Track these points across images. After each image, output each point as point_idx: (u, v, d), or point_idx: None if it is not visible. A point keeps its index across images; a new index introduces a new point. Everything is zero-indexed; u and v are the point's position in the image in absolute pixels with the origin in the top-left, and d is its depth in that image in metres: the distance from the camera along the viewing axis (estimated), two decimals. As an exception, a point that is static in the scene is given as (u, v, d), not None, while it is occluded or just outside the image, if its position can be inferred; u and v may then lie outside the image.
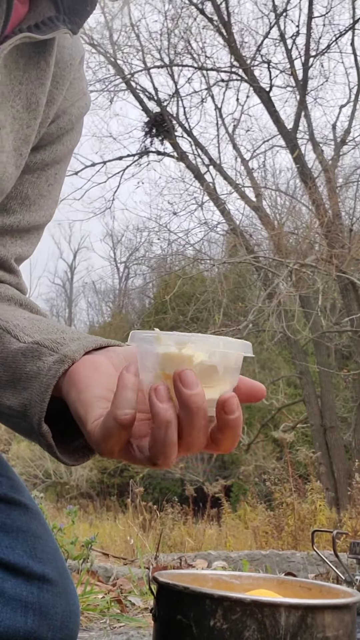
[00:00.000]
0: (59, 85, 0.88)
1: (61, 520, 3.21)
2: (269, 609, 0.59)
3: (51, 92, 0.87)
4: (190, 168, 12.49)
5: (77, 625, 0.89)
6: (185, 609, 0.62)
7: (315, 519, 5.13)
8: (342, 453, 10.69)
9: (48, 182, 0.92)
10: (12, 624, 0.81)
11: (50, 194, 0.93)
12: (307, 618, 0.60)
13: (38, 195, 0.90)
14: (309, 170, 11.31)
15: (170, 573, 0.73)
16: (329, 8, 11.35)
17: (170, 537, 5.20)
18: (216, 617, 0.60)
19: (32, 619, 0.82)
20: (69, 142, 0.93)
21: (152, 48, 12.41)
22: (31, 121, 0.83)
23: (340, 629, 0.62)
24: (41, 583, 0.84)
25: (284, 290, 9.90)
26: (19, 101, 0.81)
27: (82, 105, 0.94)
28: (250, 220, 12.48)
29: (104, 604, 1.88)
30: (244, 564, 2.92)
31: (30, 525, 0.87)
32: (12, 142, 0.82)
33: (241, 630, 0.59)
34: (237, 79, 12.06)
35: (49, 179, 0.92)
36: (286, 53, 11.66)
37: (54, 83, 0.87)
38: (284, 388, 11.96)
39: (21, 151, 0.84)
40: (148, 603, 2.03)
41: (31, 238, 0.92)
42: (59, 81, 0.88)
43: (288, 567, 3.59)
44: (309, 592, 0.75)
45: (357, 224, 11.42)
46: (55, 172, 0.93)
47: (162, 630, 0.66)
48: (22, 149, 0.84)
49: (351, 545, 1.10)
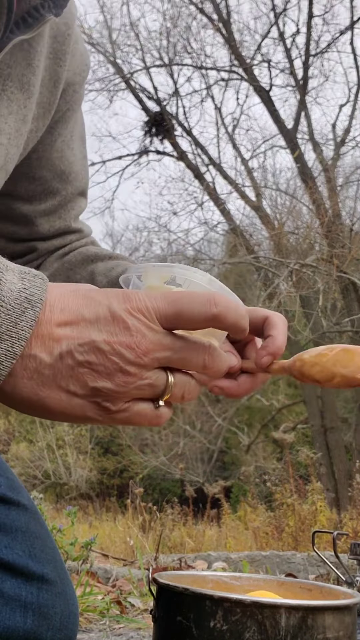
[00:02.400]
0: (61, 62, 0.88)
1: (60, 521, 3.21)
2: (269, 610, 0.59)
3: (55, 71, 0.88)
4: (190, 168, 12.50)
5: (76, 626, 0.89)
6: (185, 610, 0.62)
7: (315, 520, 5.13)
8: (342, 454, 10.70)
9: (70, 147, 0.99)
10: (11, 624, 0.81)
11: (76, 156, 1.01)
12: (307, 619, 0.60)
13: (69, 164, 1.00)
14: (309, 170, 11.31)
15: (170, 574, 0.73)
16: (328, 7, 11.37)
17: (170, 538, 5.19)
18: (216, 618, 0.60)
19: (32, 619, 0.82)
20: (76, 104, 0.98)
21: (152, 47, 12.43)
22: (26, 101, 0.84)
23: (340, 630, 0.62)
24: (40, 583, 0.84)
25: (284, 290, 9.91)
26: (11, 83, 0.82)
27: (83, 69, 0.97)
28: (251, 220, 12.49)
29: (104, 605, 1.88)
30: (244, 565, 2.92)
31: (29, 526, 0.87)
32: (13, 124, 0.83)
33: (241, 632, 0.59)
34: (237, 78, 12.07)
35: (70, 144, 0.99)
36: (286, 52, 11.68)
37: (57, 60, 0.88)
38: (284, 388, 11.96)
39: (21, 131, 0.86)
40: (148, 604, 2.03)
41: (81, 199, 1.05)
42: (61, 57, 0.88)
43: (288, 568, 3.59)
44: (309, 593, 0.75)
45: (357, 224, 11.42)
46: (72, 134, 0.99)
47: (162, 632, 0.66)
48: (22, 129, 0.86)
49: (352, 546, 1.10)
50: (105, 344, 0.53)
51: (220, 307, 0.55)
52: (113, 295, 0.55)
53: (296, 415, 11.92)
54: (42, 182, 0.98)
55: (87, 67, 0.98)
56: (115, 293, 0.55)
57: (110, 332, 0.53)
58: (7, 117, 0.82)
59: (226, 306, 0.56)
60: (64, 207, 1.02)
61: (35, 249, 1.05)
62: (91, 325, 0.53)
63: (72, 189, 1.01)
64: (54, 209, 1.01)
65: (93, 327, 0.53)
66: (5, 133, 0.82)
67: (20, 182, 0.98)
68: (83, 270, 1.01)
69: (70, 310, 0.54)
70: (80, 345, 0.53)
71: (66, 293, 0.55)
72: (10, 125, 0.83)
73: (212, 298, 0.55)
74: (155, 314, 0.54)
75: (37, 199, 0.99)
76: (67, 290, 0.55)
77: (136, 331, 0.53)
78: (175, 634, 0.63)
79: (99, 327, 0.53)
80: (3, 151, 0.83)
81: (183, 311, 0.55)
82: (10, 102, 0.82)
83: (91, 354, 0.52)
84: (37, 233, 1.03)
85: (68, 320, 0.53)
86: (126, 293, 0.55)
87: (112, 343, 0.53)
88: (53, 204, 1.00)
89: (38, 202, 0.99)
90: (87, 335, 0.53)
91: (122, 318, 0.53)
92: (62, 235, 1.05)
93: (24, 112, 0.85)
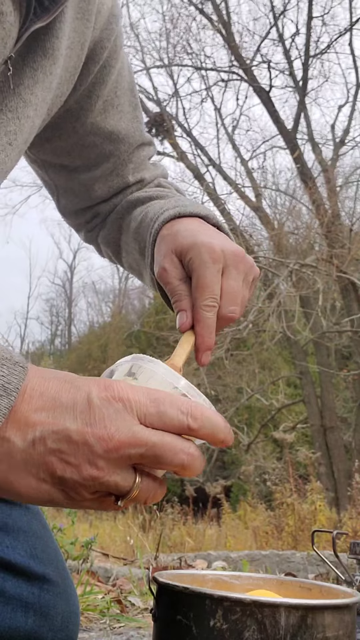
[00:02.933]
0: (88, 23, 0.84)
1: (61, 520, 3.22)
2: (269, 609, 0.60)
3: (81, 32, 0.83)
4: (189, 168, 12.50)
5: (77, 626, 0.89)
6: (185, 609, 0.62)
7: (315, 519, 5.13)
8: (342, 453, 10.70)
9: (114, 105, 0.96)
10: (13, 624, 0.81)
11: (123, 112, 0.97)
12: (307, 618, 0.60)
13: (117, 122, 0.96)
14: (309, 170, 11.31)
15: (170, 573, 0.73)
16: (327, 9, 11.37)
17: (170, 538, 5.20)
18: (216, 617, 0.60)
19: (33, 619, 0.83)
20: (115, 61, 0.93)
21: (152, 48, 12.44)
22: (51, 67, 0.79)
23: (340, 629, 0.63)
24: (42, 583, 0.84)
25: (284, 290, 9.91)
26: (33, 51, 0.76)
27: (111, 21, 0.89)
28: (250, 220, 12.48)
29: (104, 605, 1.89)
30: (244, 564, 2.92)
31: (31, 526, 0.87)
32: (40, 93, 0.79)
33: (241, 631, 0.60)
34: (237, 79, 12.07)
35: (114, 101, 0.95)
36: (285, 53, 11.68)
37: (84, 21, 0.83)
38: (284, 388, 11.96)
39: (46, 100, 0.82)
40: (148, 603, 2.03)
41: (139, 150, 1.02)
42: (88, 18, 0.84)
43: (288, 568, 3.59)
44: (309, 592, 0.75)
45: (357, 224, 11.42)
46: (115, 90, 0.95)
47: (161, 631, 0.66)
48: (47, 97, 0.82)
49: (351, 545, 1.10)
50: (77, 433, 0.52)
51: (197, 422, 0.55)
52: (94, 382, 0.54)
53: (296, 415, 11.92)
54: (94, 147, 0.96)
55: (115, 17, 0.90)
56: (96, 381, 0.55)
57: (84, 421, 0.52)
58: (33, 88, 0.77)
59: (201, 424, 0.55)
60: (120, 165, 1.00)
61: (98, 213, 1.05)
62: (66, 412, 0.52)
63: (125, 147, 0.99)
64: (109, 171, 1.00)
65: (69, 413, 0.52)
66: (32, 105, 0.77)
67: (73, 152, 0.96)
68: (128, 218, 1.00)
69: (48, 395, 0.53)
70: (54, 432, 0.52)
71: (47, 378, 0.54)
72: (37, 95, 0.78)
73: (190, 409, 0.55)
74: (135, 406, 0.53)
75: (94, 165, 0.98)
76: (48, 376, 0.55)
77: (111, 422, 0.52)
78: (175, 633, 0.63)
79: (74, 414, 0.52)
80: (29, 123, 0.79)
81: (163, 413, 0.54)
82: (34, 71, 0.76)
83: (63, 443, 0.52)
84: (98, 198, 1.02)
85: (45, 405, 0.53)
86: (108, 381, 0.54)
87: (85, 433, 0.52)
88: (108, 167, 0.99)
89: (95, 167, 0.98)
90: (62, 423, 0.52)
91: (99, 406, 0.52)
92: (122, 192, 1.03)
93: (50, 79, 0.80)
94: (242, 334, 9.94)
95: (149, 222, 0.90)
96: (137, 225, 0.95)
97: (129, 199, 1.01)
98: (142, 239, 0.92)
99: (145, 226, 0.92)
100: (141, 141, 1.01)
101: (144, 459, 0.53)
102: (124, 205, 1.01)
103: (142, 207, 0.98)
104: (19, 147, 0.79)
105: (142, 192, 1.01)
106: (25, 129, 0.79)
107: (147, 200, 0.98)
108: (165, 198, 0.98)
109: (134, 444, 0.52)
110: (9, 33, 0.68)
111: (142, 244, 0.93)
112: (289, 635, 0.60)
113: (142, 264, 0.95)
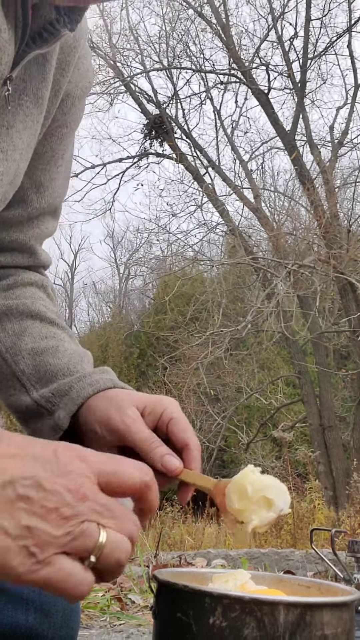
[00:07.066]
0: (64, 73, 0.87)
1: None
2: (268, 607, 0.60)
3: (57, 80, 0.86)
4: (189, 170, 12.51)
5: (77, 623, 0.90)
6: (185, 607, 0.62)
7: (314, 518, 5.14)
8: (340, 452, 10.71)
9: (57, 165, 0.95)
10: (14, 622, 0.82)
11: (60, 175, 0.96)
12: (305, 616, 0.61)
13: (50, 180, 0.94)
14: (307, 172, 11.32)
15: (170, 571, 0.74)
16: (326, 11, 11.37)
17: (170, 536, 5.20)
18: (215, 615, 0.60)
19: (34, 616, 0.83)
20: (73, 123, 0.94)
21: (151, 51, 12.44)
22: (39, 116, 0.83)
23: (338, 627, 0.63)
24: (42, 581, 0.85)
25: (283, 290, 9.91)
26: (26, 98, 0.81)
27: (85, 85, 0.94)
28: (249, 221, 12.51)
29: (105, 602, 1.89)
30: (243, 562, 2.93)
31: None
32: (26, 139, 0.82)
33: (240, 628, 0.60)
34: (236, 81, 12.08)
35: (58, 161, 0.95)
36: (284, 55, 11.68)
37: (60, 71, 0.86)
38: (283, 388, 11.97)
39: (32, 146, 0.85)
40: (148, 601, 2.04)
41: (50, 219, 0.98)
42: (65, 68, 0.87)
43: (287, 566, 3.60)
44: (307, 590, 0.75)
45: (355, 225, 11.43)
46: (63, 153, 0.95)
47: (161, 628, 0.67)
48: (32, 143, 0.85)
49: (349, 543, 1.11)
50: (47, 481, 0.52)
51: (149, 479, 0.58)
52: (58, 442, 0.56)
53: (295, 414, 11.93)
54: (20, 188, 0.90)
55: (89, 83, 0.94)
56: (60, 442, 0.57)
57: (53, 472, 0.53)
58: (22, 133, 0.81)
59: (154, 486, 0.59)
60: (30, 221, 0.95)
61: None
62: (36, 461, 0.53)
63: (44, 204, 0.94)
64: (19, 220, 0.94)
65: (38, 463, 0.53)
66: (18, 149, 0.81)
67: None
68: (19, 324, 0.93)
69: (17, 445, 0.54)
70: (24, 478, 0.52)
71: (12, 434, 0.56)
72: (24, 140, 0.81)
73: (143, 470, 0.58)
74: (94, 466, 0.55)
75: (8, 204, 0.91)
76: (13, 433, 0.57)
77: (77, 476, 0.53)
78: (175, 631, 0.63)
79: (43, 465, 0.53)
80: (14, 167, 0.81)
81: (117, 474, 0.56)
82: (25, 117, 0.80)
83: (32, 489, 0.51)
84: None
85: (15, 453, 0.53)
86: (71, 444, 0.56)
87: (54, 482, 0.52)
88: (20, 213, 0.93)
89: (8, 206, 0.91)
90: (32, 470, 0.52)
91: (66, 461, 0.54)
92: (13, 251, 0.97)
93: (36, 127, 0.83)
94: (241, 334, 9.95)
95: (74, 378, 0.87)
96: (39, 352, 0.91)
97: (25, 303, 0.95)
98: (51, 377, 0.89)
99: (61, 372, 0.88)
100: (56, 208, 0.98)
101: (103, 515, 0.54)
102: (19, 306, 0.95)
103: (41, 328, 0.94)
104: (3, 188, 0.82)
105: (41, 306, 0.96)
106: (11, 172, 0.81)
107: (47, 323, 0.95)
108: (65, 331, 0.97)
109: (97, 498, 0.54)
110: (4, 49, 0.70)
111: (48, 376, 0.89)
112: (288, 632, 0.60)
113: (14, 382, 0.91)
